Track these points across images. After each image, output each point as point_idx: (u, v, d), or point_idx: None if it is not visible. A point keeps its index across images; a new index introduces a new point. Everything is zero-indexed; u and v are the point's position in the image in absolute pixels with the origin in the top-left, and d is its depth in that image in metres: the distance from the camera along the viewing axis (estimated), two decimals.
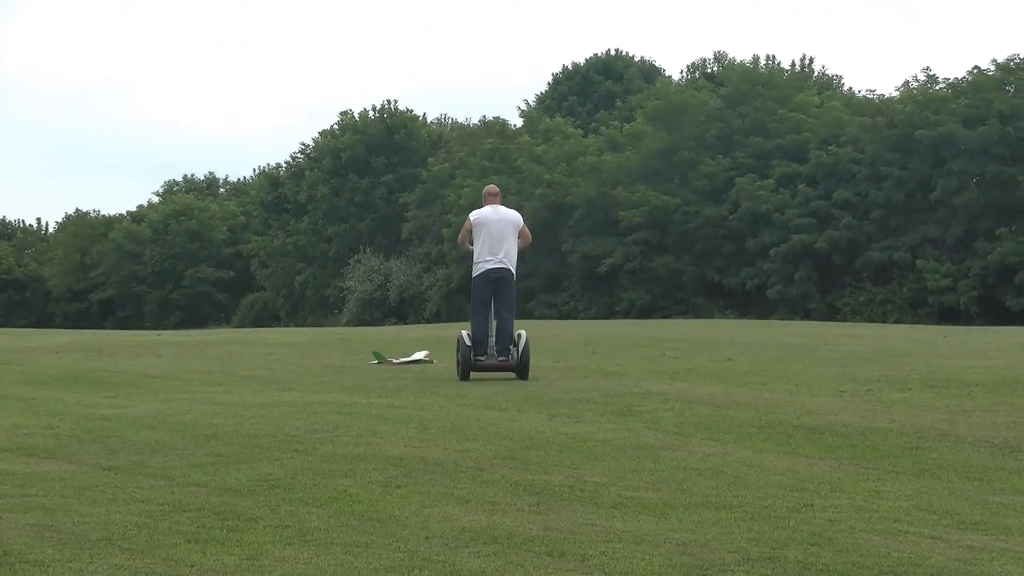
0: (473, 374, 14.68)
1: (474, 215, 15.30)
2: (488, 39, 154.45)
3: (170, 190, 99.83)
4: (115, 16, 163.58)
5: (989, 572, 5.91)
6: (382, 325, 56.21)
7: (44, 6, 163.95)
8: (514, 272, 15.06)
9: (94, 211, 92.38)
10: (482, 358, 14.70)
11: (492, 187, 15.97)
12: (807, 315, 50.35)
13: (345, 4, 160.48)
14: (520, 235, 15.15)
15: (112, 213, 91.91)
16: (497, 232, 14.97)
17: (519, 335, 14.71)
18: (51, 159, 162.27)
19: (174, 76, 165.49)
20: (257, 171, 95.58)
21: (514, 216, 15.30)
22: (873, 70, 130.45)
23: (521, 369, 14.57)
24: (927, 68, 57.48)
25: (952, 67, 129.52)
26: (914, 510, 7.27)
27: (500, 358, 14.70)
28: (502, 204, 15.52)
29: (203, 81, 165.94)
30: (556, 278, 59.16)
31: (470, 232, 15.18)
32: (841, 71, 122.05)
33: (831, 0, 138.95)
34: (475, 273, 15.13)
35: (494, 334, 14.86)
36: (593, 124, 69.16)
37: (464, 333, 14.95)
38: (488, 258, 14.95)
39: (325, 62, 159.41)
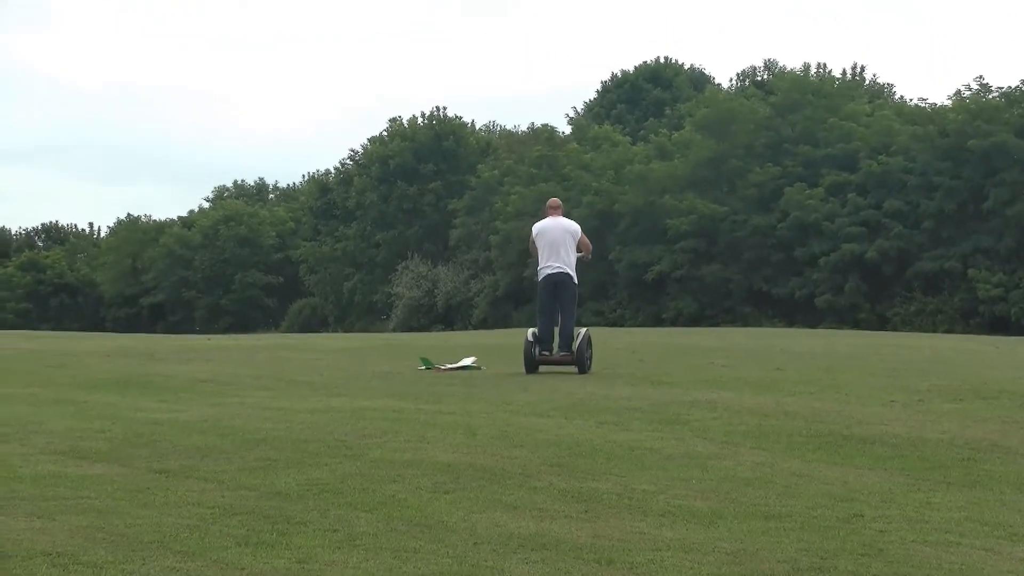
0: (541, 368, 16.19)
1: (535, 227, 16.87)
2: (537, 46, 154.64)
3: (220, 196, 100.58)
4: (167, 21, 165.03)
5: None
6: (429, 331, 56.33)
7: (95, 10, 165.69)
8: (573, 276, 16.45)
9: (145, 216, 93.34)
10: (546, 353, 16.16)
11: (554, 200, 17.55)
12: (856, 325, 50.00)
13: (395, 9, 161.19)
14: (580, 243, 16.60)
15: (163, 218, 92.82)
16: (555, 240, 16.41)
17: (579, 332, 16.17)
18: (103, 165, 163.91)
19: (225, 82, 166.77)
20: (306, 177, 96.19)
21: (571, 226, 16.77)
22: (925, 79, 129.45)
23: (578, 363, 15.94)
24: (980, 77, 56.77)
25: (1005, 76, 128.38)
26: (966, 522, 7.22)
27: (562, 353, 16.14)
28: (563, 215, 17.04)
29: (253, 87, 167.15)
30: (603, 286, 59.07)
31: (534, 242, 16.66)
32: (892, 79, 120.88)
33: (883, 8, 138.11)
34: (538, 278, 16.62)
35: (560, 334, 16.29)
36: (642, 132, 69.04)
37: (530, 331, 16.51)
38: (549, 264, 16.39)
39: (374, 68, 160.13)
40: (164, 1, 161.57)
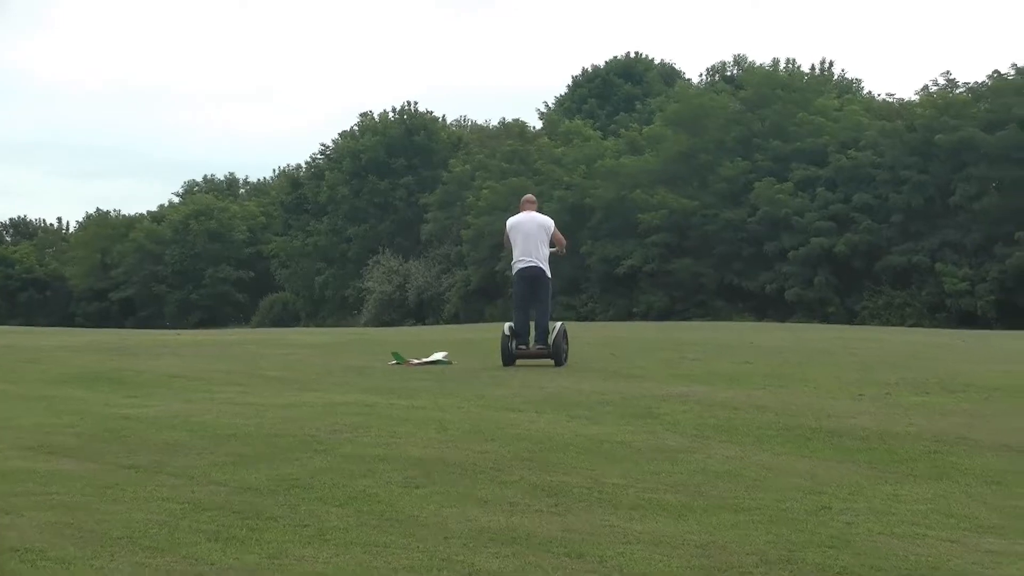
0: (519, 362, 16.34)
1: (509, 221, 17.06)
2: (507, 41, 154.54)
3: (190, 190, 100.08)
4: (137, 17, 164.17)
5: None
6: (401, 326, 56.26)
7: (66, 9, 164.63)
8: (546, 270, 16.61)
9: (115, 211, 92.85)
10: (523, 347, 16.38)
11: (529, 196, 17.74)
12: (825, 319, 50.24)
13: (364, 5, 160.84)
14: (553, 238, 16.72)
15: (133, 213, 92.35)
16: (528, 235, 16.58)
17: (554, 326, 16.33)
18: (72, 159, 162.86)
19: (193, 77, 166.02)
20: (277, 172, 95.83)
21: (545, 220, 16.91)
22: (893, 74, 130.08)
23: (554, 355, 16.16)
24: (947, 72, 57.12)
25: (972, 71, 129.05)
26: (932, 514, 7.28)
27: (538, 347, 16.32)
28: (537, 211, 17.18)
29: (223, 82, 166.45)
30: (575, 280, 59.10)
31: (508, 236, 16.84)
32: (861, 74, 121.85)
33: (851, 3, 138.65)
34: (512, 272, 16.86)
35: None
36: (612, 126, 69.10)
37: (506, 325, 16.71)
38: (522, 258, 16.57)
39: (344, 63, 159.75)
40: (133, 1, 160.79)
